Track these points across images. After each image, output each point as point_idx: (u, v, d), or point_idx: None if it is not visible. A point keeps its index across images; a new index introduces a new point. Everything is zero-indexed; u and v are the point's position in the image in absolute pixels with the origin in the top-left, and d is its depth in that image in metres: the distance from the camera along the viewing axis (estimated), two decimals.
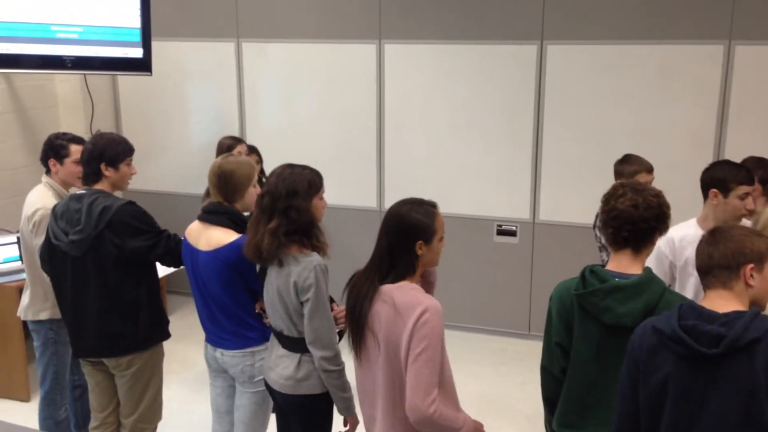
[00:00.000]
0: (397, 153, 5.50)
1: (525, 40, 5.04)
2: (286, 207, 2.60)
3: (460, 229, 5.41)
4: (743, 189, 3.00)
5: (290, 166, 2.73)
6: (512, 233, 5.28)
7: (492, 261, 5.38)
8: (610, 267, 2.30)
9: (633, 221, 2.25)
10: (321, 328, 2.59)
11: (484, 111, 5.24)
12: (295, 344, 2.68)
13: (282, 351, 2.72)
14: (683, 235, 3.13)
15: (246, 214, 2.96)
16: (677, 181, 4.69)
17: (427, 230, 2.32)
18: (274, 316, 2.71)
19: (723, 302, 1.92)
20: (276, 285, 2.63)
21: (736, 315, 1.85)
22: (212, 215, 2.92)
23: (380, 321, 2.32)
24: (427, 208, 2.37)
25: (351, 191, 5.59)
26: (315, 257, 2.61)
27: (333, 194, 5.57)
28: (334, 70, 5.53)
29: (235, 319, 2.92)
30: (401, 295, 2.30)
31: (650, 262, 3.24)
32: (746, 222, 3.01)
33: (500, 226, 5.33)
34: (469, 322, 5.53)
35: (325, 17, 5.48)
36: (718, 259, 1.95)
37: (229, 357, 2.97)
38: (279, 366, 2.72)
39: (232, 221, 2.89)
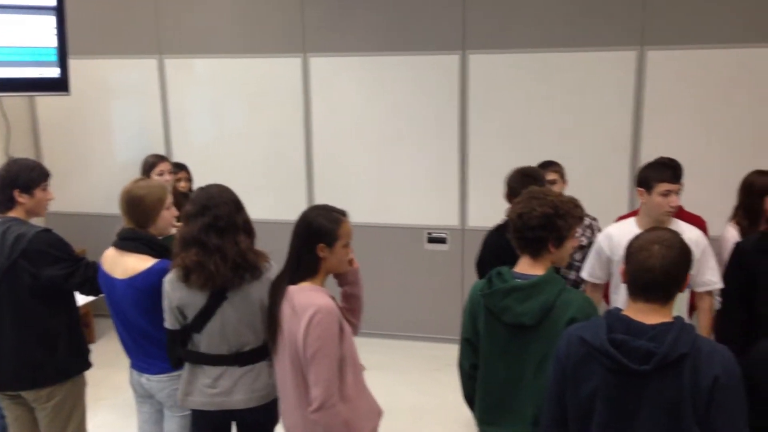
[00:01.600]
0: (326, 166, 5.51)
1: (447, 50, 5.12)
2: (242, 221, 2.65)
3: (392, 239, 5.45)
4: (664, 186, 3.10)
5: (212, 185, 2.73)
6: (442, 240, 5.34)
7: (423, 268, 5.44)
8: (515, 269, 2.39)
9: (518, 230, 2.36)
10: None
11: (412, 121, 5.30)
12: (261, 353, 2.70)
13: (242, 369, 2.70)
14: (621, 231, 3.22)
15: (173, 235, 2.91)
16: (599, 183, 4.85)
17: (330, 234, 2.43)
18: (240, 334, 2.66)
19: (653, 315, 1.90)
20: (257, 296, 2.62)
21: (664, 328, 1.85)
22: (127, 241, 2.86)
23: (284, 319, 2.45)
24: (334, 214, 2.48)
25: (281, 205, 5.57)
26: (274, 268, 2.67)
27: (264, 209, 5.60)
28: (261, 85, 5.51)
29: (158, 344, 2.86)
30: (299, 296, 2.41)
31: (590, 255, 3.36)
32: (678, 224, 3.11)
33: (431, 233, 5.39)
34: (403, 330, 5.57)
35: (249, 31, 5.45)
36: (674, 274, 1.90)
37: (155, 382, 2.92)
38: (243, 383, 2.69)
39: (148, 246, 2.84)
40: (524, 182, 3.24)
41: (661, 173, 3.15)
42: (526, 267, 2.37)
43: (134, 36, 5.64)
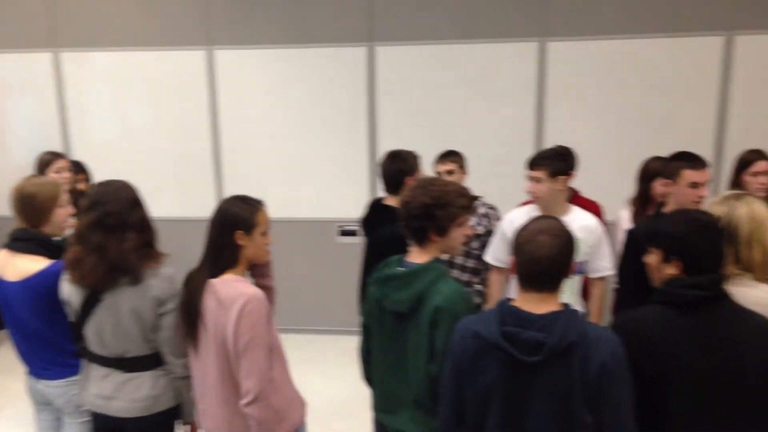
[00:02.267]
0: (235, 161, 5.42)
1: (355, 42, 5.12)
2: (137, 219, 2.52)
3: (304, 233, 5.42)
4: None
5: (110, 181, 2.61)
6: (354, 233, 5.35)
7: (335, 262, 5.43)
8: (406, 257, 2.42)
9: (403, 219, 2.40)
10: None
11: (320, 114, 5.27)
12: (145, 362, 2.59)
13: (125, 375, 2.59)
14: (524, 216, 3.28)
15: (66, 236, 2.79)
16: (504, 171, 4.96)
17: (247, 221, 2.40)
18: (116, 340, 2.56)
19: (542, 304, 1.94)
20: (129, 305, 2.50)
21: (553, 317, 1.89)
22: (19, 242, 2.73)
23: (208, 313, 2.38)
24: (250, 202, 2.46)
25: (190, 203, 5.45)
26: (168, 268, 2.57)
27: (172, 206, 5.46)
28: (165, 79, 5.36)
29: (56, 348, 2.76)
30: (224, 288, 2.36)
31: (494, 239, 3.42)
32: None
33: (342, 226, 5.39)
34: (317, 324, 5.56)
35: (151, 23, 5.29)
36: (564, 263, 1.94)
37: (53, 387, 2.81)
38: (125, 391, 2.59)
39: (42, 247, 2.72)
40: (393, 163, 3.29)
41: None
42: (414, 255, 2.40)
43: (27, 28, 5.38)
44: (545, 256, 1.91)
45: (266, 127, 5.35)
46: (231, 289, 2.35)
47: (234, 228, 2.39)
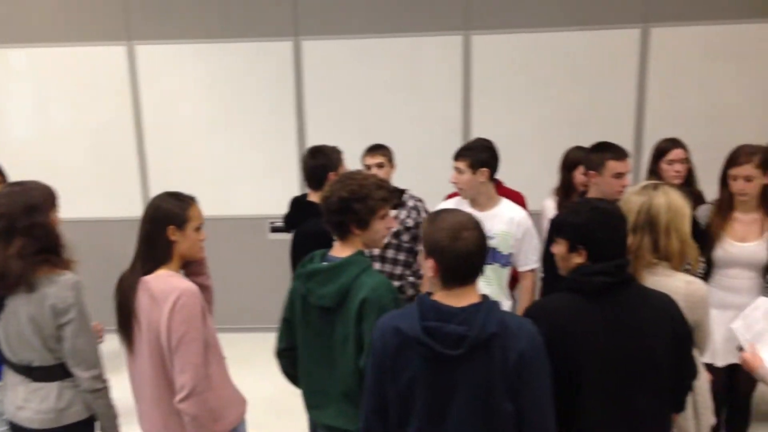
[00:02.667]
0: (161, 159, 5.30)
1: (280, 36, 5.07)
2: (29, 225, 2.41)
3: (235, 231, 5.36)
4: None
5: (18, 183, 2.54)
6: (285, 229, 5.30)
7: (267, 258, 5.39)
8: (330, 251, 2.42)
9: (324, 214, 2.39)
10: (86, 348, 2.49)
11: (248, 110, 5.21)
12: (51, 373, 2.50)
13: (34, 384, 2.51)
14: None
15: None
16: (433, 164, 4.99)
17: (179, 216, 2.38)
18: (21, 348, 2.49)
19: (463, 297, 1.94)
20: (26, 313, 2.42)
21: (473, 309, 1.90)
22: None
23: (142, 311, 2.35)
24: (183, 198, 2.44)
25: (114, 202, 5.31)
26: (69, 275, 2.47)
27: (96, 206, 5.31)
28: (85, 75, 5.20)
29: None
30: (157, 283, 2.33)
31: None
32: None
33: (273, 223, 5.35)
34: (251, 323, 5.51)
35: (68, 18, 5.12)
36: (484, 257, 1.95)
37: None
38: (33, 401, 2.51)
39: None
40: (315, 159, 3.26)
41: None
42: (337, 250, 2.40)
43: None
44: (475, 252, 1.92)
45: (193, 124, 5.25)
46: (164, 284, 2.32)
47: (166, 223, 2.36)
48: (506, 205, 3.31)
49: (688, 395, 2.34)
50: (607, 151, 3.19)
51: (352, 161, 3.86)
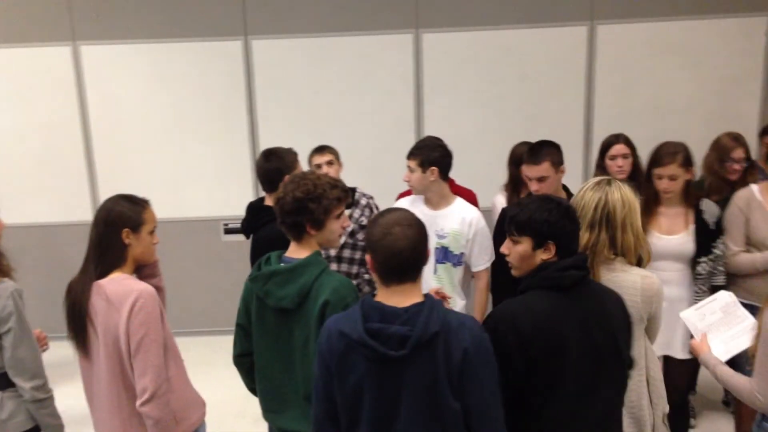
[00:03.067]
0: (110, 162, 5.21)
1: (229, 35, 5.01)
2: None
3: (188, 233, 5.29)
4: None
5: None
6: (240, 230, 5.25)
7: (222, 260, 5.33)
8: (286, 253, 2.40)
9: (278, 215, 2.38)
10: (27, 357, 2.44)
11: (199, 110, 5.15)
12: None
13: None
14: (410, 206, 3.32)
15: None
16: (386, 163, 5.00)
17: (134, 219, 2.35)
18: None
19: (405, 297, 1.94)
20: None
21: (416, 309, 1.90)
22: None
23: (97, 315, 2.31)
24: (137, 201, 2.41)
25: (62, 207, 5.19)
26: (8, 283, 2.43)
27: (42, 211, 5.18)
28: (29, 77, 5.07)
29: None
30: (113, 287, 2.30)
31: None
32: None
33: (227, 224, 5.29)
34: (207, 326, 5.44)
35: (10, 18, 4.98)
36: (420, 255, 1.94)
37: None
38: None
39: None
40: (269, 162, 3.22)
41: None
42: (293, 251, 2.39)
43: None
44: (405, 247, 1.91)
45: (143, 125, 5.16)
46: (120, 286, 2.29)
47: (121, 226, 2.33)
48: (459, 205, 3.30)
49: (646, 386, 2.42)
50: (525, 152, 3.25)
51: (306, 161, 3.85)
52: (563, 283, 2.06)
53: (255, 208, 3.41)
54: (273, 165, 3.25)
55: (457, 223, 3.24)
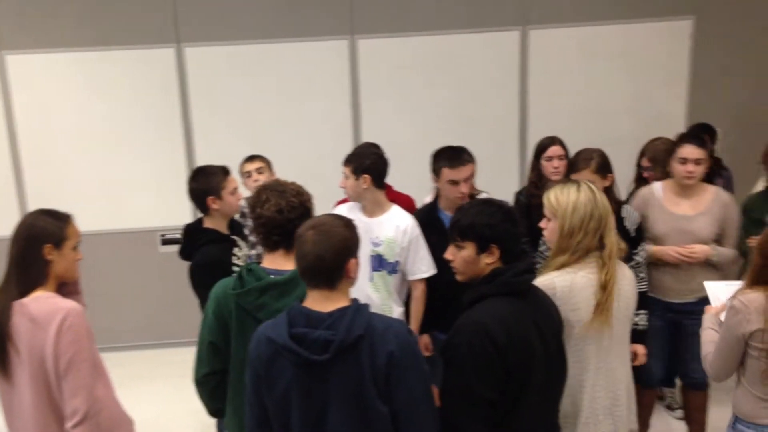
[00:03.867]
0: (40, 173, 5.05)
1: (161, 43, 4.93)
2: None
3: (124, 245, 5.17)
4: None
5: None
6: (177, 241, 5.15)
7: (160, 272, 5.21)
8: (265, 264, 2.35)
9: (280, 225, 2.31)
10: None
11: (132, 119, 5.04)
12: None
13: None
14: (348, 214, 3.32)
15: None
16: (326, 169, 4.97)
17: (56, 234, 2.29)
18: None
19: (329, 302, 1.93)
20: None
21: (339, 314, 1.90)
22: None
23: (20, 336, 2.23)
24: (59, 216, 2.34)
25: None
26: None
27: None
28: None
29: None
30: (38, 305, 2.23)
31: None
32: None
33: (164, 235, 5.19)
34: (145, 339, 5.32)
35: None
36: (329, 261, 1.92)
37: None
38: None
39: None
40: (195, 180, 3.10)
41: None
42: (280, 262, 2.33)
43: None
44: (309, 252, 1.91)
45: (75, 135, 5.03)
46: (46, 305, 2.22)
47: (42, 242, 2.26)
48: (395, 213, 3.29)
49: None
50: (441, 158, 3.25)
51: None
52: (521, 288, 2.09)
53: (190, 231, 3.28)
54: (198, 186, 3.11)
55: (391, 231, 3.23)
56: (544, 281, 2.31)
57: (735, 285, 2.73)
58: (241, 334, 2.33)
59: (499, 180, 4.83)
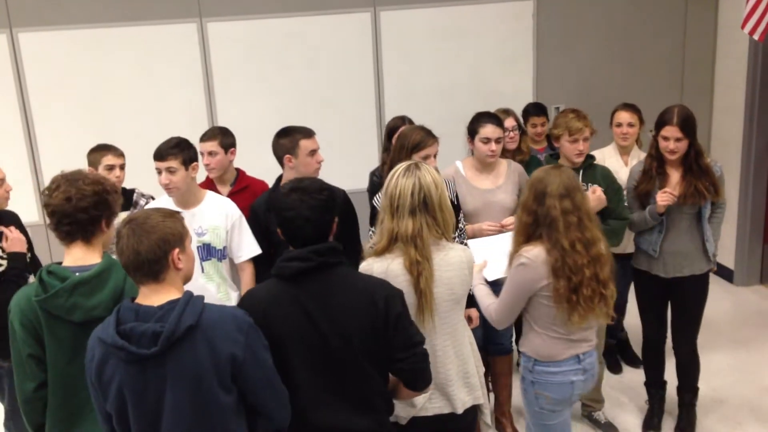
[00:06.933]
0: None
1: None
2: None
3: None
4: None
5: None
6: None
7: None
8: (66, 263, 2.24)
9: (69, 214, 2.21)
10: None
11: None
12: None
13: None
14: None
15: None
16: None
17: None
18: None
19: (157, 296, 1.93)
20: None
21: (170, 306, 1.88)
22: None
23: None
24: None
25: None
26: None
27: None
28: None
29: None
30: None
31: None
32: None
33: None
34: None
35: None
36: (146, 254, 1.90)
37: None
38: None
39: None
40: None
41: None
42: (81, 257, 2.24)
43: None
44: (125, 248, 1.91)
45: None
46: None
47: None
48: (213, 200, 3.25)
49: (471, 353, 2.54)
50: (295, 132, 3.27)
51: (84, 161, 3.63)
52: (284, 273, 2.12)
53: None
54: None
55: (214, 217, 3.19)
56: (364, 266, 2.41)
57: (492, 240, 3.15)
58: (56, 342, 2.22)
59: (356, 160, 4.89)
